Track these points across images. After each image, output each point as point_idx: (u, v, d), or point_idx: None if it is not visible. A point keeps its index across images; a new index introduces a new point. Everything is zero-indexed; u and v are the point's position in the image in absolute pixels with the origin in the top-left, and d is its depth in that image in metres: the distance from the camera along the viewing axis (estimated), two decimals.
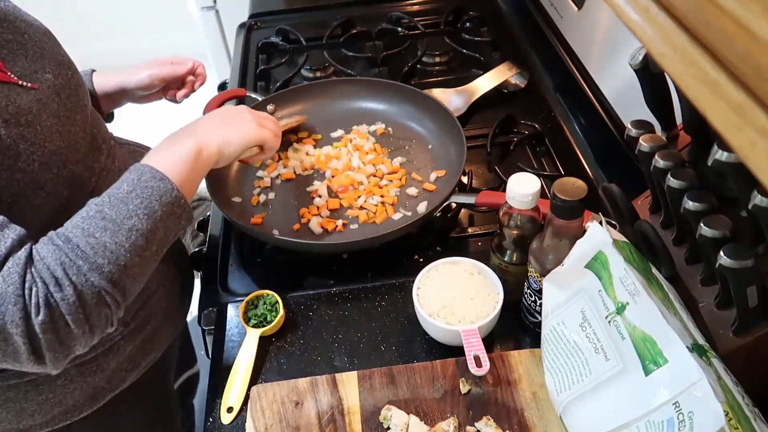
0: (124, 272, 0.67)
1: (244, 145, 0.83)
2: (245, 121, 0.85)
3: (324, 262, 0.96)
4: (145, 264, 0.70)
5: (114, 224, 0.66)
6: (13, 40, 0.75)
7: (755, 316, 0.61)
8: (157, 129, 1.06)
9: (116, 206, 0.67)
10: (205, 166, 0.78)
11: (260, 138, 0.85)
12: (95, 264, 0.64)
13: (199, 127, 0.81)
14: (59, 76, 0.78)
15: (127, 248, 0.66)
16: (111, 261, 0.65)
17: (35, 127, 0.71)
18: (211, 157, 0.78)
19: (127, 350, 0.87)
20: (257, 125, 0.85)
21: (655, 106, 0.76)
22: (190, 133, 0.79)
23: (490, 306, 0.79)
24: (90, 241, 0.65)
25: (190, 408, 1.40)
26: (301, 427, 0.73)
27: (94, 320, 0.65)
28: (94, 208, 0.68)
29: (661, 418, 0.55)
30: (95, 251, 0.65)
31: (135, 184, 0.69)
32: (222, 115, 0.86)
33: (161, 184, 0.70)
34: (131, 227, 0.67)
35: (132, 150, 0.97)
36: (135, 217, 0.67)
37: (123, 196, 0.68)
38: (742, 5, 0.28)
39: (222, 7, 1.99)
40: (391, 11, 1.53)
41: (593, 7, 1.13)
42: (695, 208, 0.61)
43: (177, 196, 0.71)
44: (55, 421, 0.85)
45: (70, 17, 2.93)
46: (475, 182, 1.08)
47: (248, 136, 0.83)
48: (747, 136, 0.29)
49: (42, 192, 0.72)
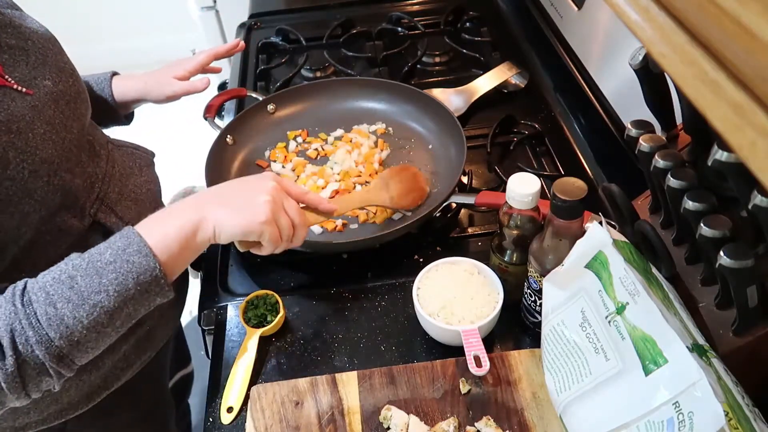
0: (76, 348, 0.63)
1: (239, 235, 0.71)
2: (256, 208, 0.71)
3: (324, 262, 0.96)
4: (102, 339, 0.66)
5: (80, 297, 0.62)
6: (16, 45, 0.75)
7: (755, 316, 0.61)
8: (154, 128, 1.05)
9: (90, 276, 0.63)
10: (200, 244, 0.70)
11: (260, 233, 0.71)
12: (46, 337, 0.61)
13: (208, 198, 0.73)
14: (59, 83, 0.78)
15: (86, 324, 0.63)
16: (64, 336, 0.62)
17: (27, 134, 0.70)
18: (206, 238, 0.70)
19: (122, 349, 0.88)
20: (266, 219, 0.71)
21: (655, 106, 0.76)
22: (196, 204, 0.71)
23: (490, 306, 0.79)
24: (49, 311, 0.61)
25: (186, 408, 1.40)
26: (301, 427, 0.73)
27: (32, 388, 0.64)
28: (68, 271, 0.64)
29: (661, 418, 0.55)
30: (50, 323, 0.61)
31: (117, 255, 0.65)
32: (241, 188, 0.75)
33: (144, 260, 0.65)
34: (96, 303, 0.63)
35: (130, 152, 0.96)
36: (104, 293, 0.63)
37: (100, 267, 0.64)
38: (742, 5, 0.28)
39: (222, 7, 1.99)
40: (391, 11, 1.53)
41: (593, 7, 1.13)
42: (695, 208, 0.61)
43: (157, 276, 0.65)
44: (50, 419, 0.85)
45: (69, 17, 2.93)
46: (475, 182, 1.08)
47: (247, 226, 0.71)
48: (747, 136, 0.29)
49: (31, 200, 0.70)
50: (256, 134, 1.14)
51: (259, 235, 0.72)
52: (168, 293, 0.68)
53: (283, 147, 1.13)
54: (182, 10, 2.32)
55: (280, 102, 1.17)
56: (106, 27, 3.14)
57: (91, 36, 3.06)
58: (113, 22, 3.14)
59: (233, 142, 1.10)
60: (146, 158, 0.99)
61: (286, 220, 0.74)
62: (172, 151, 1.16)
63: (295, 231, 0.75)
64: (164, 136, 1.08)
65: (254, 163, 1.11)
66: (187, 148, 1.66)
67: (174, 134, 2.37)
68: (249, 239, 0.73)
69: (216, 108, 1.17)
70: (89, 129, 0.85)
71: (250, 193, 0.73)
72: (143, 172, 0.95)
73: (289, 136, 1.15)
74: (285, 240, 0.74)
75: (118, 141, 0.95)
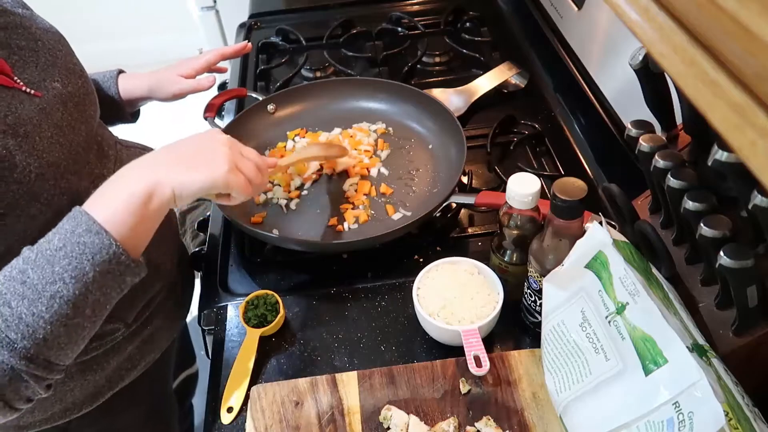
0: (44, 346, 0.59)
1: (204, 190, 0.68)
2: (215, 160, 0.69)
3: (324, 262, 0.96)
4: (74, 331, 0.62)
5: (34, 291, 0.58)
6: (26, 47, 0.75)
7: (755, 316, 0.61)
8: (157, 128, 1.05)
9: (41, 267, 0.59)
10: (159, 211, 0.66)
11: (226, 184, 0.69)
12: (6, 340, 0.57)
13: (157, 162, 0.68)
14: (68, 85, 0.77)
15: (48, 319, 0.59)
16: (26, 335, 0.58)
17: (34, 138, 0.69)
18: (164, 202, 0.66)
19: (127, 350, 0.87)
20: (228, 168, 0.69)
21: (655, 106, 0.76)
22: (143, 170, 0.66)
23: (490, 306, 0.79)
24: (4, 311, 0.58)
25: (189, 408, 1.40)
26: (301, 427, 0.73)
27: (11, 396, 0.60)
28: (19, 266, 0.60)
29: (661, 418, 0.55)
30: (8, 324, 0.57)
31: (67, 239, 0.60)
32: (193, 145, 0.71)
33: (97, 239, 0.60)
34: (53, 294, 0.58)
35: (138, 153, 0.95)
36: (60, 282, 0.59)
37: (50, 255, 0.59)
38: (742, 5, 0.28)
39: (222, 7, 1.99)
40: (391, 11, 1.53)
41: (593, 7, 1.13)
42: (695, 208, 0.61)
43: (116, 253, 0.61)
44: (54, 419, 0.85)
45: (69, 17, 2.93)
46: (475, 182, 1.08)
47: (210, 179, 0.68)
48: (747, 136, 0.29)
49: (38, 203, 0.69)
50: (256, 134, 1.14)
51: (225, 186, 0.69)
52: (138, 269, 0.64)
53: (283, 147, 1.13)
54: (182, 10, 2.32)
55: (280, 102, 1.17)
56: (106, 27, 3.14)
57: (91, 36, 3.05)
58: (113, 21, 3.14)
59: None
60: None
61: (248, 163, 0.72)
62: None
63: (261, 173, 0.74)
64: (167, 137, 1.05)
65: None
66: None
67: (175, 135, 2.37)
68: (214, 193, 0.71)
69: (216, 108, 1.17)
70: (98, 129, 0.85)
71: (204, 148, 0.70)
72: None
73: (289, 135, 1.15)
74: (255, 184, 0.73)
75: (126, 141, 0.95)
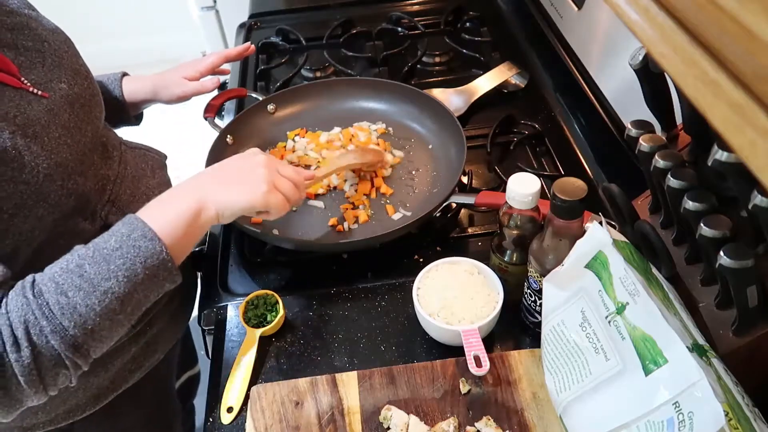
0: (90, 336, 0.63)
1: (244, 210, 0.74)
2: (255, 182, 0.74)
3: (324, 262, 0.96)
4: (115, 327, 0.66)
5: (90, 284, 0.62)
6: (33, 48, 0.75)
7: (755, 316, 0.61)
8: (159, 130, 1.05)
9: (98, 263, 0.63)
10: (203, 226, 0.72)
11: (265, 204, 0.74)
12: (60, 326, 0.61)
13: (206, 181, 0.74)
14: (74, 86, 0.78)
15: (98, 311, 0.63)
16: (78, 324, 0.62)
17: (43, 138, 0.70)
18: (209, 220, 0.72)
19: (131, 351, 0.87)
20: (267, 189, 0.74)
21: (655, 106, 0.76)
22: (195, 188, 0.72)
23: (490, 306, 0.79)
24: (60, 300, 0.61)
25: (191, 408, 1.40)
26: (301, 427, 0.73)
27: (49, 381, 0.63)
28: (75, 260, 0.64)
29: (661, 418, 0.55)
30: (63, 312, 0.61)
31: (123, 241, 0.65)
32: (234, 167, 0.77)
33: (150, 244, 0.65)
34: (107, 290, 0.63)
35: (143, 153, 0.96)
36: (113, 279, 0.63)
37: (107, 254, 0.64)
38: (742, 5, 0.28)
39: (222, 7, 1.99)
40: (391, 11, 1.53)
41: (593, 7, 1.13)
42: (695, 208, 0.61)
43: (164, 259, 0.66)
44: (58, 420, 0.85)
45: (69, 17, 2.93)
46: (475, 182, 1.08)
47: (251, 200, 0.73)
48: (747, 136, 0.29)
49: (46, 203, 0.70)
50: (256, 134, 1.14)
51: (264, 205, 0.74)
52: (176, 277, 0.69)
53: (283, 147, 1.13)
54: (182, 10, 2.32)
55: (280, 102, 1.17)
56: (106, 27, 3.14)
57: (91, 36, 3.04)
58: (113, 21, 3.14)
59: (233, 142, 1.10)
60: (158, 160, 0.99)
61: (285, 182, 0.77)
62: (175, 152, 1.16)
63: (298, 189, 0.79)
64: (168, 137, 1.07)
65: None
66: (189, 149, 1.66)
67: (176, 135, 2.37)
68: (254, 212, 0.76)
69: (216, 108, 1.17)
70: (103, 131, 0.85)
71: (245, 169, 0.76)
72: (156, 174, 0.95)
73: (289, 135, 1.15)
74: (293, 201, 0.78)
75: (131, 142, 0.95)
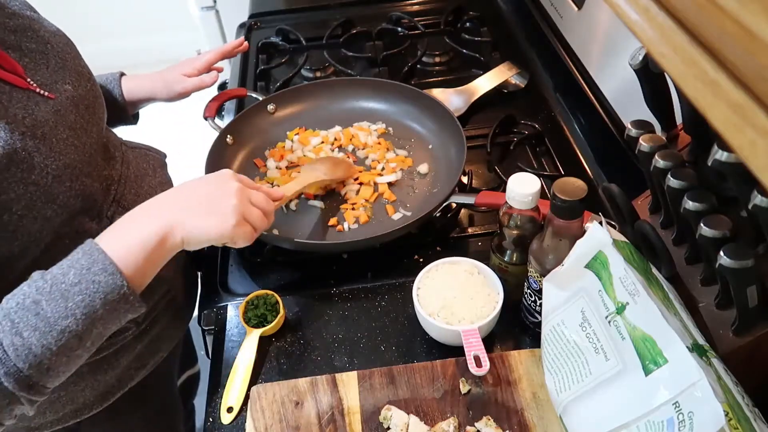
0: (46, 374, 0.61)
1: (211, 241, 0.71)
2: (225, 213, 0.70)
3: (324, 262, 0.96)
4: (73, 361, 0.64)
5: (46, 324, 0.60)
6: (36, 49, 0.75)
7: (755, 316, 0.61)
8: (161, 126, 1.05)
9: (55, 300, 0.60)
10: (168, 253, 0.68)
11: (232, 237, 0.71)
12: (14, 368, 0.59)
13: (173, 205, 0.70)
14: (79, 88, 0.78)
15: (55, 351, 0.60)
16: (33, 365, 0.60)
17: (51, 139, 0.70)
18: (174, 247, 0.68)
19: (136, 349, 0.88)
20: (235, 223, 0.70)
21: (655, 106, 0.76)
22: (161, 211, 0.68)
23: (490, 306, 0.79)
24: (15, 341, 0.59)
25: (192, 408, 1.40)
26: (301, 427, 0.73)
27: (5, 416, 0.62)
28: (32, 296, 0.61)
29: (661, 418, 0.55)
30: (17, 354, 0.59)
31: (82, 275, 0.61)
32: (204, 191, 0.72)
33: (111, 279, 0.62)
34: (64, 328, 0.60)
35: (143, 153, 0.96)
36: (71, 318, 0.60)
37: (65, 289, 0.61)
38: (742, 5, 0.28)
39: (222, 7, 1.99)
40: (391, 11, 1.53)
41: (593, 7, 1.13)
42: (695, 208, 0.61)
43: (125, 294, 0.63)
44: (65, 419, 0.85)
45: (69, 17, 2.93)
46: (475, 182, 1.08)
47: (218, 233, 0.69)
48: (747, 136, 0.29)
49: (54, 204, 0.70)
50: (256, 134, 1.14)
51: (231, 238, 0.71)
52: (138, 308, 0.66)
53: (283, 147, 1.13)
54: (182, 10, 2.32)
55: (280, 102, 1.17)
56: (106, 27, 3.14)
57: (91, 36, 3.04)
58: (113, 21, 3.14)
59: (233, 142, 1.10)
60: (159, 159, 0.99)
61: (255, 212, 0.73)
62: (175, 153, 1.16)
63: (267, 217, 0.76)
64: (168, 137, 1.06)
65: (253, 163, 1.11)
66: (189, 150, 1.66)
67: (176, 135, 2.37)
68: (219, 244, 0.73)
69: (216, 108, 1.17)
70: (104, 132, 0.86)
71: (215, 197, 0.71)
72: (157, 173, 0.95)
73: (289, 135, 1.15)
74: (260, 231, 0.75)
75: (131, 143, 0.95)
